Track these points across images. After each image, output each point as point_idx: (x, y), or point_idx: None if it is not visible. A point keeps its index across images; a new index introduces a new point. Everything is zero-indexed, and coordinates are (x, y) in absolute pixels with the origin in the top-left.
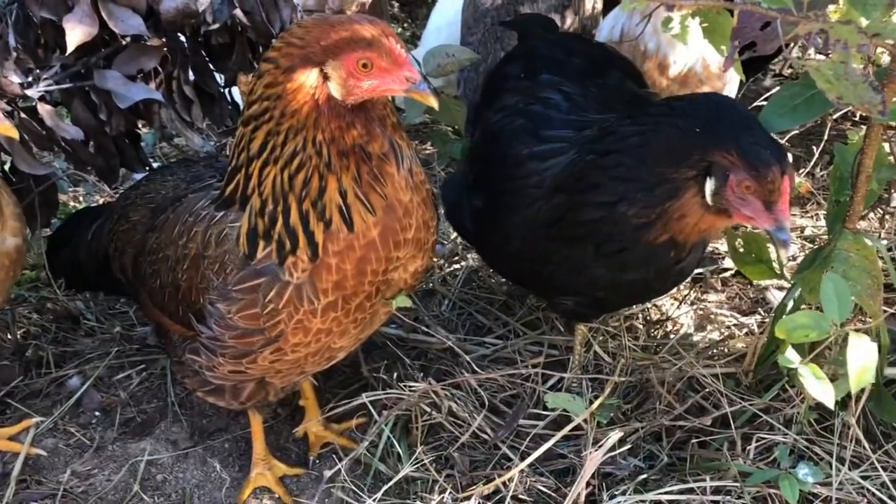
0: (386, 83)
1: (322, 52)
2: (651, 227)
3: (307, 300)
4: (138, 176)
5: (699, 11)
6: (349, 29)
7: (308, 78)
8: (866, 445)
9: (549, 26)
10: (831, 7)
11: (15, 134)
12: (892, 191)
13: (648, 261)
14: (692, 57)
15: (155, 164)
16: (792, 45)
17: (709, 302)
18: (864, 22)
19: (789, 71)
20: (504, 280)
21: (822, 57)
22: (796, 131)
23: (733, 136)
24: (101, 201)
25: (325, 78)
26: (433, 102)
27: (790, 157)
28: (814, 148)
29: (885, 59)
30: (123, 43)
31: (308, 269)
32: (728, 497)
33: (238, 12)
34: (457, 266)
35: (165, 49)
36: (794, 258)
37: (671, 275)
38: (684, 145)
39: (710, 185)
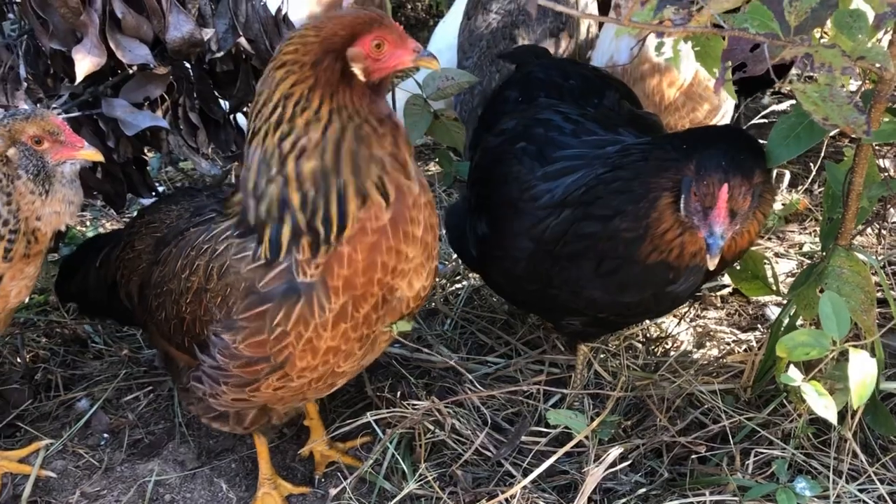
0: (398, 56)
1: (341, 41)
2: (641, 242)
3: (318, 308)
4: (145, 201)
5: (690, 36)
6: (358, 17)
7: (336, 63)
8: (863, 459)
9: (543, 55)
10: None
11: (101, 157)
12: (890, 207)
13: (644, 283)
14: (694, 69)
15: (160, 188)
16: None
17: (708, 319)
18: (848, 45)
19: (788, 88)
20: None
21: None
22: None
23: (701, 149)
24: (107, 226)
25: (346, 63)
26: (436, 65)
27: (781, 175)
28: (811, 165)
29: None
30: (130, 72)
31: (321, 265)
32: None
33: (242, 40)
34: (458, 286)
35: (171, 77)
36: (792, 274)
37: (668, 299)
38: (669, 159)
39: (683, 198)
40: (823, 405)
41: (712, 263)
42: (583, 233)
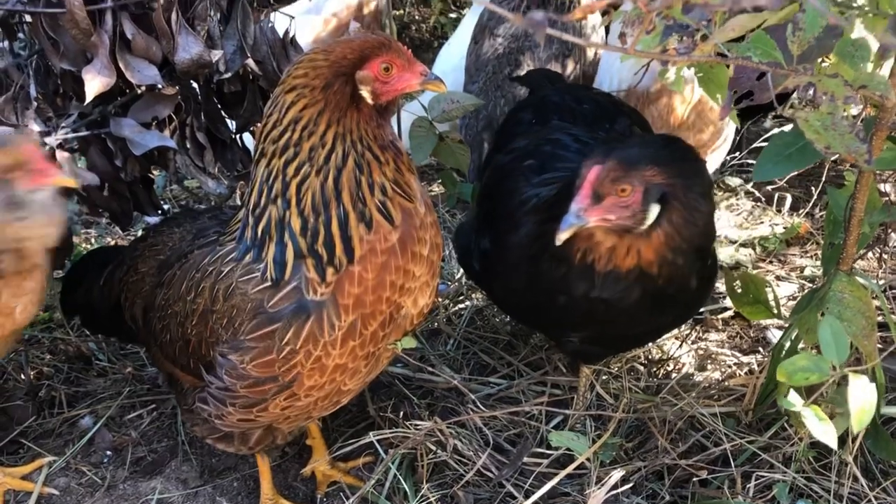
0: (406, 79)
1: (351, 65)
2: (573, 240)
3: (328, 326)
4: (150, 219)
5: (695, 63)
6: (366, 41)
7: (345, 87)
8: (864, 483)
9: (556, 80)
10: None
11: (74, 183)
12: (891, 231)
13: (573, 286)
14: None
15: (165, 207)
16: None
17: (709, 341)
18: (851, 74)
19: (790, 112)
20: (508, 320)
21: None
22: (795, 173)
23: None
24: (112, 244)
25: (355, 86)
26: (443, 88)
27: (783, 199)
28: (813, 189)
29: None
30: (139, 91)
31: (332, 283)
32: None
33: (250, 62)
34: (461, 306)
35: (179, 97)
36: (794, 298)
37: (604, 308)
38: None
39: None
40: (823, 430)
41: (557, 238)
42: (543, 232)
